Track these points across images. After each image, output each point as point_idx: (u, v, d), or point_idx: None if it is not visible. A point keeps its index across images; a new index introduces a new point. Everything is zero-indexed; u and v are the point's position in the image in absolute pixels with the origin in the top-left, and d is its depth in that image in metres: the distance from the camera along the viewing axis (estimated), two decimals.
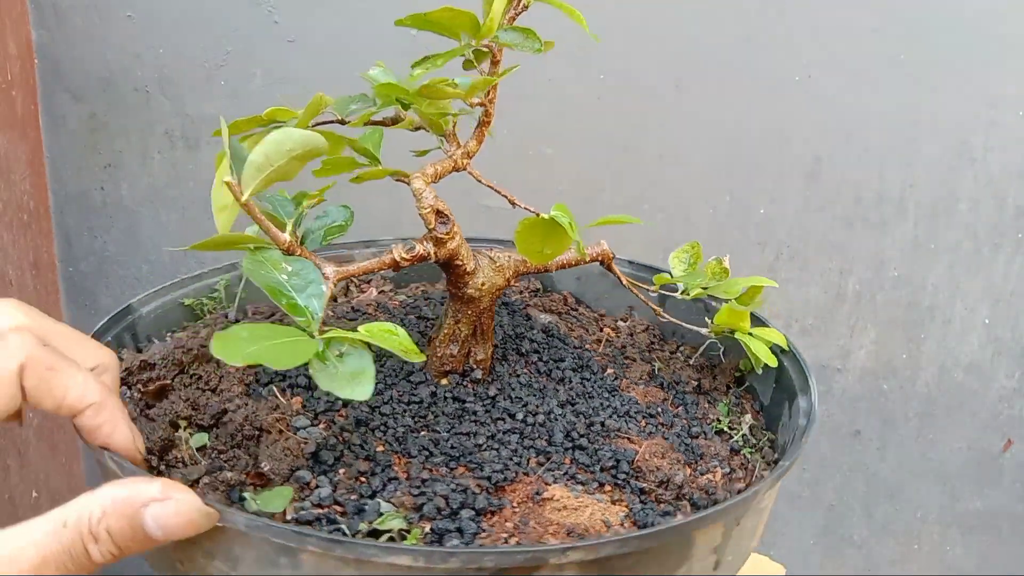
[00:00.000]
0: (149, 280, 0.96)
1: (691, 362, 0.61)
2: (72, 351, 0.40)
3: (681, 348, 0.64)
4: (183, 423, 0.47)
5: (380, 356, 0.55)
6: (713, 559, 0.41)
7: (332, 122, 0.48)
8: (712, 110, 0.90)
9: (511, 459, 0.46)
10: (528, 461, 0.47)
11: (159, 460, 0.44)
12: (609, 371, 0.58)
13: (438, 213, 0.46)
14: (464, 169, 0.48)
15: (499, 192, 0.48)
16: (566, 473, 0.46)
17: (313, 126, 0.47)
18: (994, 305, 0.97)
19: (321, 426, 0.47)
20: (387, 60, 0.88)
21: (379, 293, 0.66)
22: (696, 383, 0.59)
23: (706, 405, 0.57)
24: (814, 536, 1.08)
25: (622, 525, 0.42)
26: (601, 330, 0.65)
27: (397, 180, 0.47)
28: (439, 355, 0.53)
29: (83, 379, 0.38)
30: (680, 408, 0.56)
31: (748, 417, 0.55)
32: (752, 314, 0.56)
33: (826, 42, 0.87)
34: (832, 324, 0.98)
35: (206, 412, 0.47)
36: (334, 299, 0.63)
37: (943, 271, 0.95)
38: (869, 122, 0.90)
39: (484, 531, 0.40)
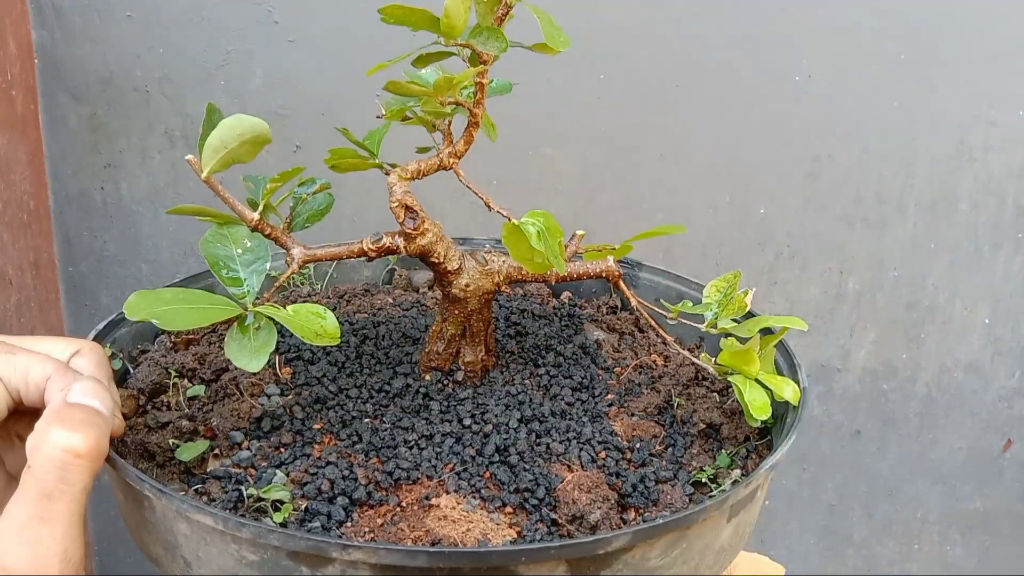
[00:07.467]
0: (149, 280, 0.96)
1: (724, 405, 0.53)
2: (39, 347, 0.44)
3: (728, 389, 0.54)
4: (174, 373, 0.52)
5: (377, 342, 0.57)
6: None
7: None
8: (712, 110, 0.90)
9: (429, 461, 0.45)
10: (445, 467, 0.45)
11: (147, 401, 0.50)
12: (609, 397, 0.54)
13: (407, 208, 0.47)
14: (450, 168, 0.48)
15: (477, 195, 0.48)
16: (474, 486, 0.44)
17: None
18: (994, 305, 0.97)
19: (289, 397, 0.50)
20: (386, 59, 0.88)
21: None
22: (710, 426, 0.51)
23: (703, 451, 0.50)
24: (814, 536, 1.08)
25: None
26: (650, 356, 0.59)
27: (385, 173, 0.48)
28: (427, 351, 0.53)
29: (40, 358, 0.42)
30: (667, 449, 0.49)
31: (738, 472, 0.47)
32: (779, 358, 0.53)
33: (826, 42, 0.87)
34: (832, 324, 0.98)
35: (209, 367, 0.53)
36: (283, 288, 0.66)
37: (943, 271, 0.95)
38: (869, 122, 0.90)
39: (351, 521, 0.41)
